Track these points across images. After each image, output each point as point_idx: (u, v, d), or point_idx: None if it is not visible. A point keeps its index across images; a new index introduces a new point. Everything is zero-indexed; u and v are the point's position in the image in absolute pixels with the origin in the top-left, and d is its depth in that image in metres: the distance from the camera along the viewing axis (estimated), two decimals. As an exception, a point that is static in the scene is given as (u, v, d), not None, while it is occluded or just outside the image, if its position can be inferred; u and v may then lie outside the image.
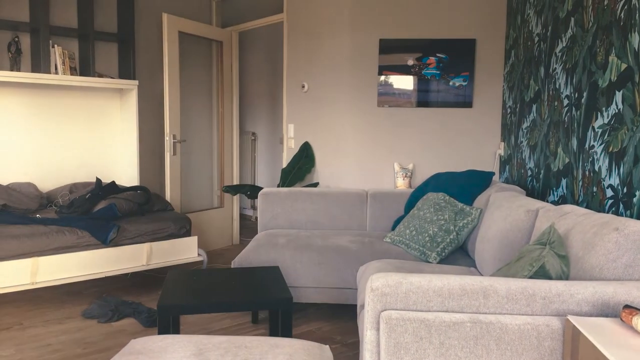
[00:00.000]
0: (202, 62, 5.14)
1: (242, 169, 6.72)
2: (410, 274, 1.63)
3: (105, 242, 3.37)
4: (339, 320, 3.24)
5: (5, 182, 4.02)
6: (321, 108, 4.24)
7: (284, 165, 4.60)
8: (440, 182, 3.42)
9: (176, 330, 2.47)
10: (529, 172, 3.37)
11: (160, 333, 2.29)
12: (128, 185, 4.48)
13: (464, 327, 1.52)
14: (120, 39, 4.46)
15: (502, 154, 3.87)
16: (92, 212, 3.59)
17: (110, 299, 3.39)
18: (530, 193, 3.33)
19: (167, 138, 4.43)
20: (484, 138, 3.93)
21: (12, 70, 3.94)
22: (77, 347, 2.79)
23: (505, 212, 2.50)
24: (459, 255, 3.03)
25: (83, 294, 3.64)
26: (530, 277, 1.70)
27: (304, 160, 4.32)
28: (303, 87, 4.38)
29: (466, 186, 3.27)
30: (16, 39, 3.95)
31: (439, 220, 3.03)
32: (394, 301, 1.57)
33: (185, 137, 4.94)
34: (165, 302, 2.29)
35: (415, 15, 3.90)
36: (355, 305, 3.44)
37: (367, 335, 1.60)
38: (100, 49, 4.48)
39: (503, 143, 3.86)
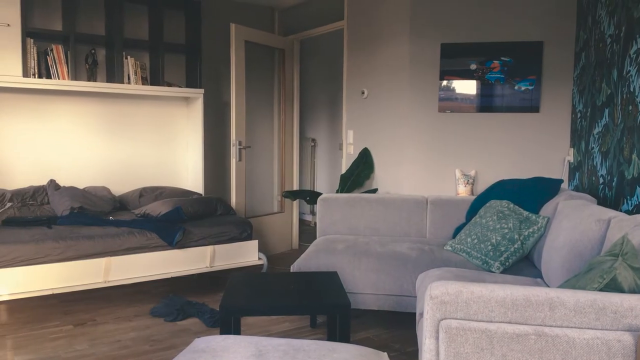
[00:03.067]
0: (264, 69, 5.27)
1: (302, 175, 6.81)
2: (471, 282, 1.60)
3: (171, 244, 3.51)
4: (397, 328, 3.20)
5: (81, 186, 4.28)
6: (381, 114, 4.23)
7: (343, 171, 4.62)
8: (504, 190, 3.32)
9: (237, 331, 2.54)
10: (601, 180, 3.20)
11: (222, 333, 2.36)
12: (192, 189, 4.65)
13: (528, 340, 1.47)
14: (187, 49, 4.65)
15: (572, 161, 3.70)
16: (160, 215, 3.76)
17: (176, 299, 3.52)
18: (602, 202, 3.17)
19: (233, 144, 4.55)
20: (551, 144, 3.78)
21: (89, 80, 4.20)
22: (144, 344, 2.92)
23: (574, 222, 2.39)
24: (524, 265, 2.92)
25: (151, 293, 3.81)
26: (601, 290, 1.62)
27: (363, 166, 4.32)
28: (363, 93, 4.39)
29: (532, 194, 3.16)
30: (93, 51, 4.21)
31: (503, 228, 2.94)
32: (454, 310, 1.54)
33: (248, 144, 5.07)
34: (227, 303, 2.36)
35: (478, 18, 3.82)
36: (415, 313, 3.40)
37: (426, 344, 1.58)
38: (169, 59, 4.69)
39: (572, 149, 3.70)
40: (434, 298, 1.56)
